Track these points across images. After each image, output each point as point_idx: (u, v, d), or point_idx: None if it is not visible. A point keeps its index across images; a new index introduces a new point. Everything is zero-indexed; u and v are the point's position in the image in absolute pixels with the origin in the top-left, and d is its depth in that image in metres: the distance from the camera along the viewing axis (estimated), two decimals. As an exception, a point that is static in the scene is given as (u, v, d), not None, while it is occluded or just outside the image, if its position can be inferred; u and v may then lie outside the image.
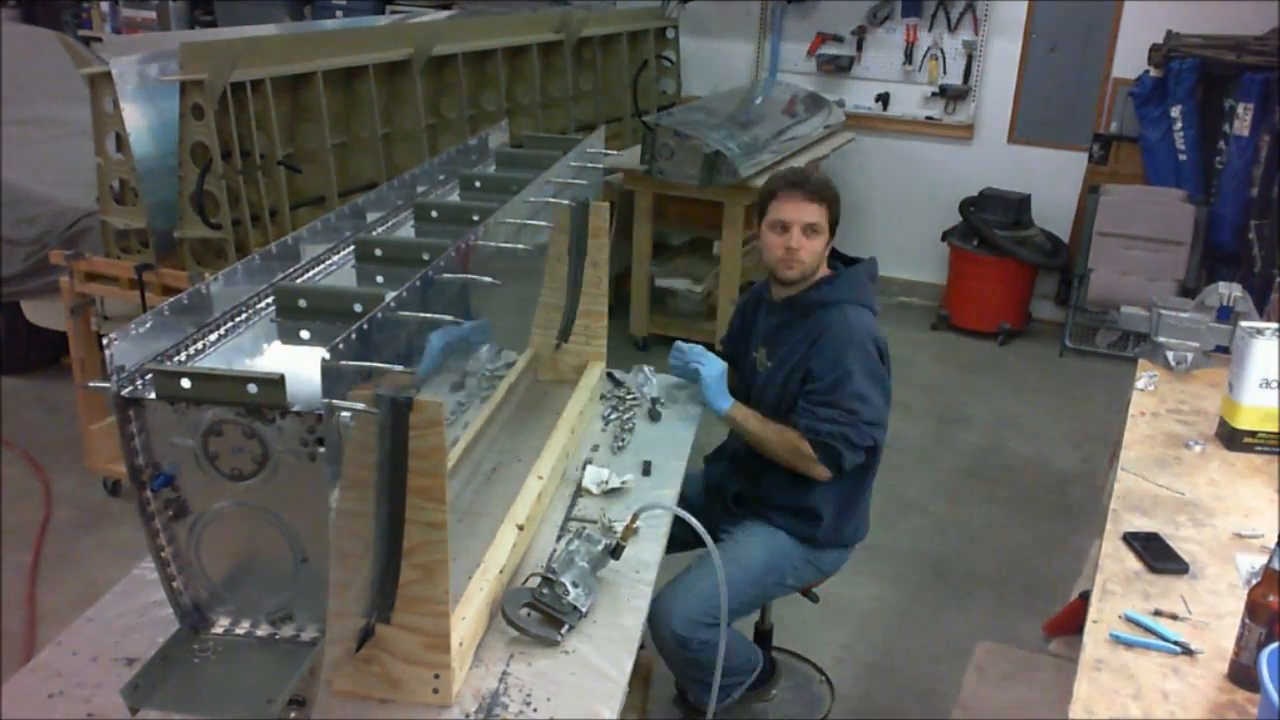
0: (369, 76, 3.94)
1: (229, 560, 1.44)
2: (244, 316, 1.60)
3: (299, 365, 1.35)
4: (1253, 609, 1.59)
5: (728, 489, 2.57)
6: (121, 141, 3.39)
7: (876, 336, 2.43)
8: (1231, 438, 2.40)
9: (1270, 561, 1.58)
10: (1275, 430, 2.36)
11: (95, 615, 1.75)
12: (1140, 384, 2.76)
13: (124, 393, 1.32)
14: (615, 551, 1.88)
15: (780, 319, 2.48)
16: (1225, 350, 2.70)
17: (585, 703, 1.61)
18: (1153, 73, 5.17)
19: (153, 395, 1.32)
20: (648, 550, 2.02)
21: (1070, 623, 2.83)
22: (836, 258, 2.56)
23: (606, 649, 1.73)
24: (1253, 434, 2.38)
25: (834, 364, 2.35)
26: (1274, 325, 2.36)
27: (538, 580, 1.78)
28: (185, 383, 1.30)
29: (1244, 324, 2.41)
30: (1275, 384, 2.32)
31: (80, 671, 1.61)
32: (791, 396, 2.41)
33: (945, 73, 5.86)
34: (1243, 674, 1.62)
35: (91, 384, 1.36)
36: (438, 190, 2.31)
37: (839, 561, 2.62)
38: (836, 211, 2.42)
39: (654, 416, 2.56)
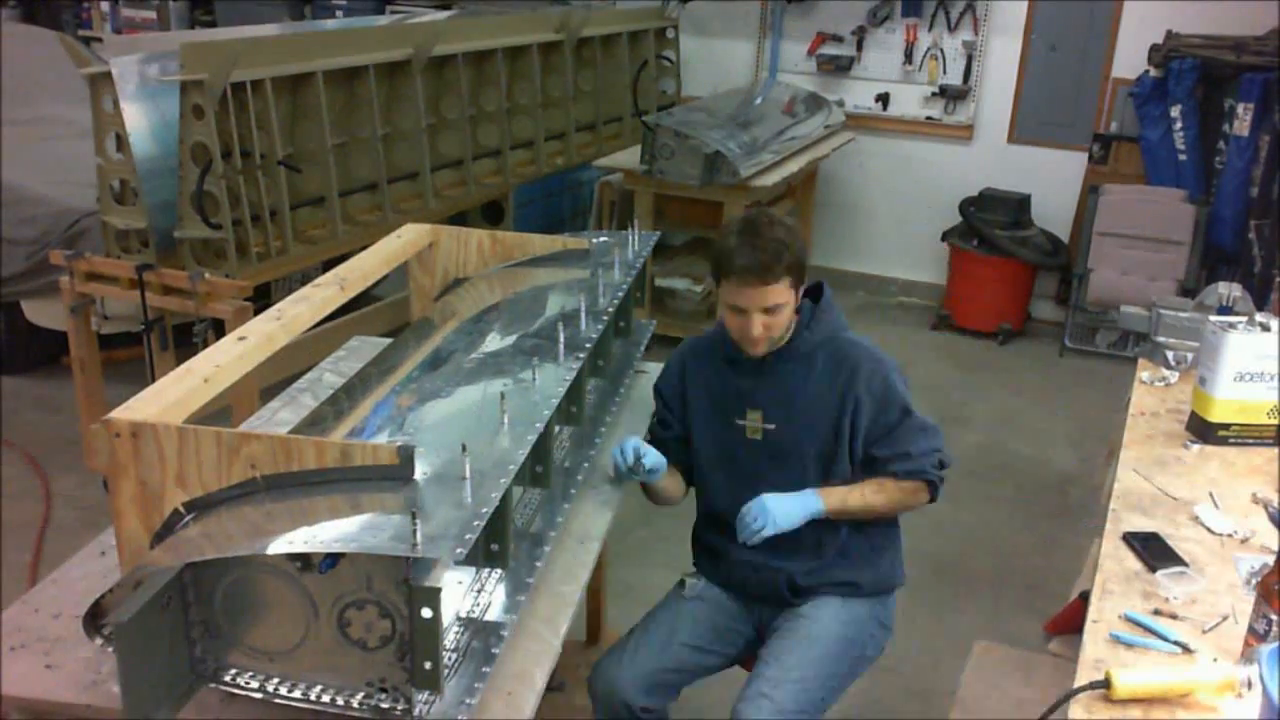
0: (369, 76, 3.95)
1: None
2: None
3: None
4: (1266, 594, 1.61)
5: (777, 581, 2.23)
6: (122, 141, 3.40)
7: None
8: (1205, 431, 2.42)
9: None
10: (1250, 422, 2.38)
11: (59, 577, 1.82)
12: (1140, 383, 2.76)
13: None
14: None
15: (769, 375, 2.20)
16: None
17: (521, 663, 1.65)
18: (1153, 73, 5.17)
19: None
20: (595, 524, 2.05)
21: (1070, 622, 2.83)
22: None
23: (545, 613, 1.77)
24: (1226, 426, 2.40)
25: (887, 396, 2.16)
26: (1243, 319, 2.39)
27: None
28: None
29: (1214, 319, 2.44)
30: (1250, 377, 2.34)
31: (42, 627, 1.68)
32: (841, 447, 2.17)
33: (945, 73, 5.86)
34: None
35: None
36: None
37: (892, 606, 2.37)
38: (801, 269, 2.10)
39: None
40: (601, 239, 2.69)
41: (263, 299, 3.48)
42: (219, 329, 3.28)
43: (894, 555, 2.32)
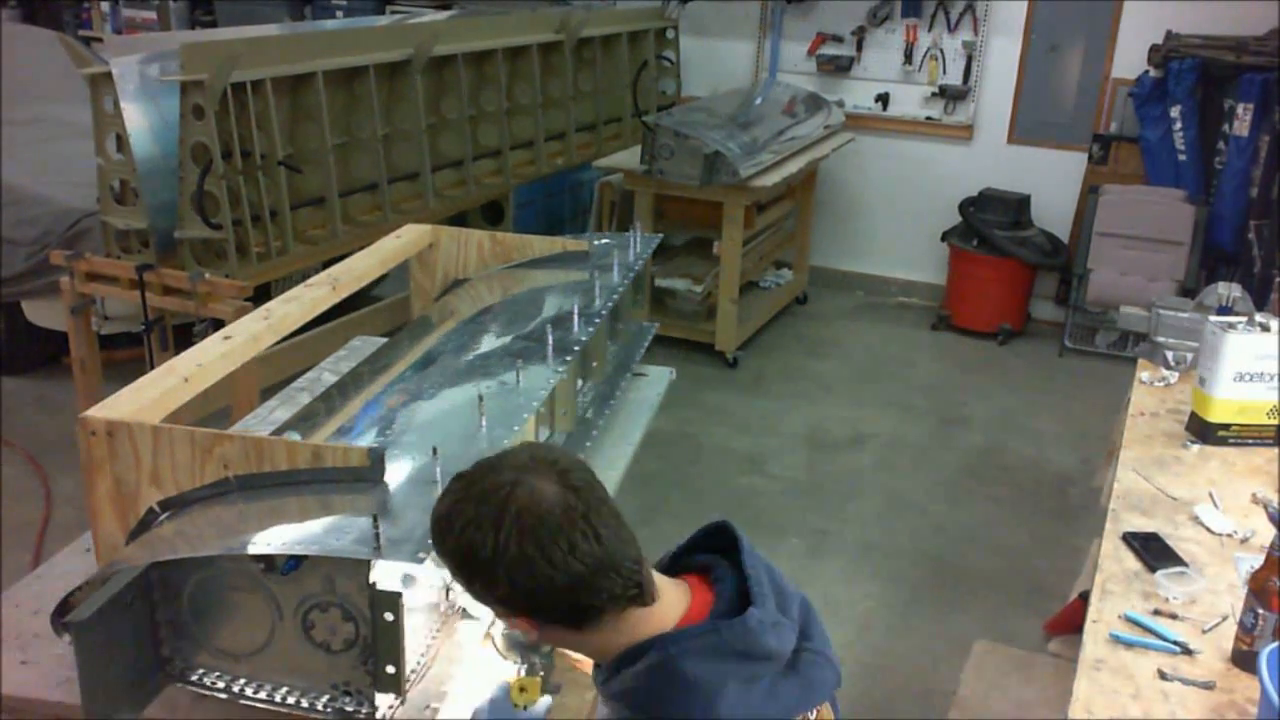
0: (369, 76, 3.95)
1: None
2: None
3: None
4: (1257, 590, 1.62)
5: None
6: (122, 142, 3.40)
7: None
8: (1205, 431, 2.42)
9: (1272, 547, 1.62)
10: (1250, 422, 2.39)
11: (43, 573, 1.82)
12: (1140, 384, 2.76)
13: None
14: None
15: None
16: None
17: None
18: (1153, 73, 5.17)
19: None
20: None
21: (1070, 622, 2.83)
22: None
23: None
24: (1226, 426, 2.40)
25: None
26: (1242, 319, 2.39)
27: None
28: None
29: (1213, 319, 2.44)
30: (1250, 377, 2.34)
31: (21, 623, 1.68)
32: None
33: (945, 73, 5.85)
34: (1245, 659, 1.66)
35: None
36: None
37: None
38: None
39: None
40: (603, 241, 2.69)
41: (263, 299, 3.48)
42: (219, 329, 3.27)
43: None
